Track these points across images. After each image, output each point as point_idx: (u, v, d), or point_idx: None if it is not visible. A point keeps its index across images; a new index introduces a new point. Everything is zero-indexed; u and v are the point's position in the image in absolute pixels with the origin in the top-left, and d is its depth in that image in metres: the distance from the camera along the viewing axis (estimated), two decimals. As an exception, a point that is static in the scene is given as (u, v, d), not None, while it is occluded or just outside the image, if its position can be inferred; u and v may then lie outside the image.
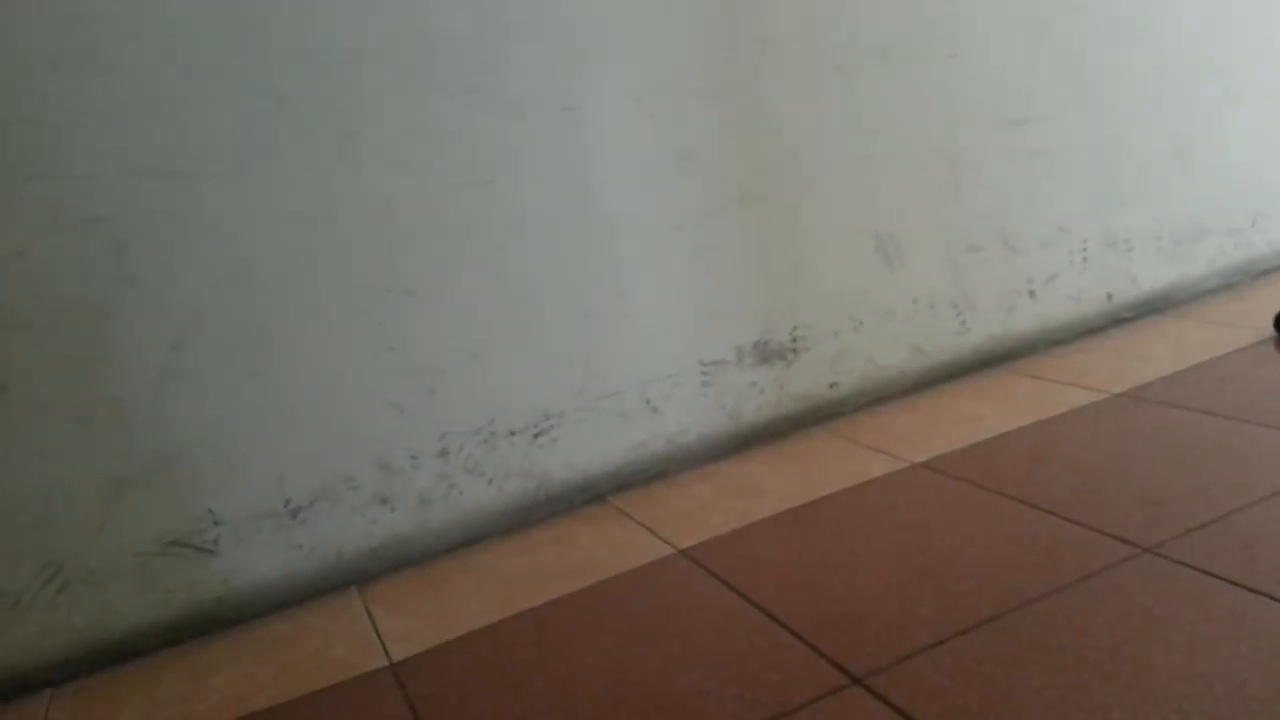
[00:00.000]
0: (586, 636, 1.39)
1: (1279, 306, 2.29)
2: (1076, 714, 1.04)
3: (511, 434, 1.82)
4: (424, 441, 1.75)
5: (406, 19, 1.64)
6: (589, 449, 1.89)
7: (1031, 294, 2.32)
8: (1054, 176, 2.30)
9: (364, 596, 1.66)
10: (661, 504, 1.83)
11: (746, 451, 2.02)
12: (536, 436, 1.84)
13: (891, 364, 2.19)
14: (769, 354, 2.04)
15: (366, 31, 1.62)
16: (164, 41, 1.50)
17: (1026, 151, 2.26)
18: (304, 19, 1.58)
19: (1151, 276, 2.48)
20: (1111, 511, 1.47)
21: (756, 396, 2.04)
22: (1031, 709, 1.06)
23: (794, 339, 2.06)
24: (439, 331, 1.73)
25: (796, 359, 2.07)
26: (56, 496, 1.52)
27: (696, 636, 1.34)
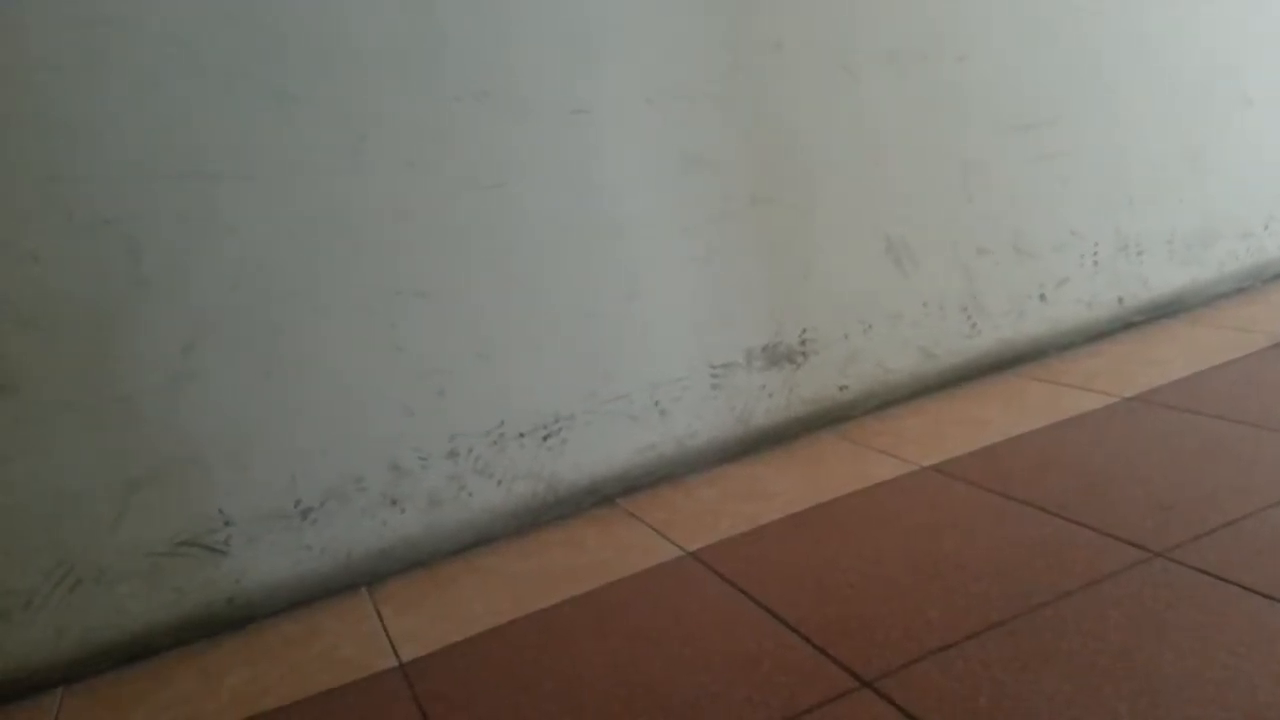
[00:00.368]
0: (594, 638, 1.40)
1: (1291, 311, 2.28)
2: (1087, 719, 1.03)
3: (521, 436, 1.82)
4: (433, 443, 1.75)
5: (417, 22, 1.65)
6: (598, 451, 1.89)
7: (1042, 297, 2.31)
8: (1065, 180, 2.30)
9: (373, 597, 1.67)
10: (670, 506, 1.83)
11: (755, 454, 2.02)
12: (546, 439, 1.84)
13: (901, 367, 2.18)
14: (778, 357, 2.04)
15: (377, 34, 1.63)
16: (176, 44, 1.51)
17: (1037, 155, 2.26)
18: (316, 21, 1.58)
19: (1163, 280, 2.47)
20: (1122, 516, 1.47)
21: (766, 399, 2.04)
22: (1041, 714, 1.05)
23: (803, 342, 2.06)
24: (449, 333, 1.74)
25: (806, 362, 2.07)
26: (68, 496, 1.53)
27: (704, 639, 1.34)
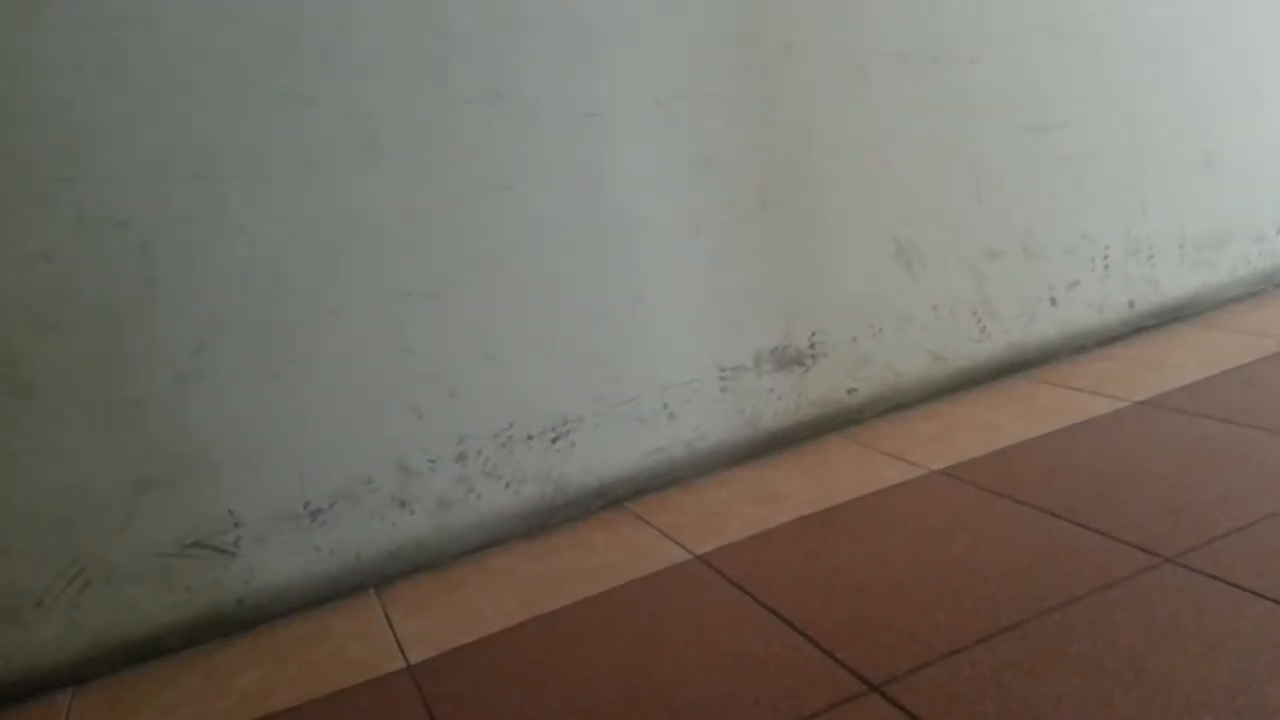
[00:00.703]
0: (603, 640, 1.40)
1: (1304, 315, 2.27)
2: (1096, 724, 1.03)
3: (529, 438, 1.82)
4: (442, 444, 1.76)
5: (428, 25, 1.66)
6: (607, 454, 1.89)
7: (1053, 301, 2.31)
8: (1076, 182, 2.29)
9: (382, 598, 1.67)
10: (678, 509, 1.83)
11: (764, 457, 2.02)
12: (554, 441, 1.84)
13: (911, 371, 2.18)
14: (787, 360, 2.04)
15: (388, 37, 1.63)
16: (189, 46, 1.52)
17: (1049, 157, 2.25)
18: (327, 24, 1.59)
19: (1174, 284, 2.46)
20: (1132, 520, 1.46)
21: (775, 402, 2.04)
22: (1050, 718, 1.05)
23: (813, 345, 2.06)
24: (458, 335, 1.74)
25: (815, 365, 2.07)
26: (79, 497, 1.54)
27: (712, 641, 1.34)
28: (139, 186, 1.51)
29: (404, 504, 1.74)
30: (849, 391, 2.12)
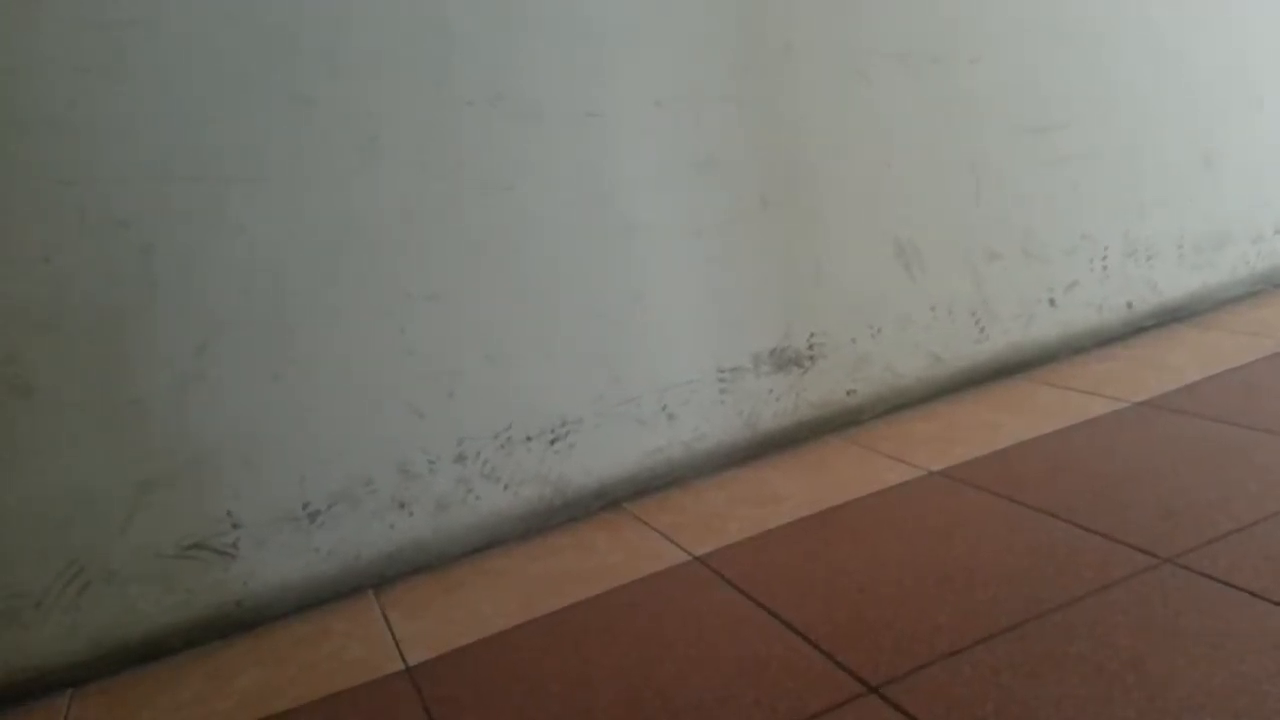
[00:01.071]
0: (602, 642, 1.40)
1: (1303, 316, 2.27)
2: (1095, 725, 1.03)
3: (529, 439, 1.82)
4: (442, 446, 1.76)
5: (428, 25, 1.66)
6: (606, 455, 1.89)
7: (1052, 302, 2.31)
8: (1076, 183, 2.29)
9: (381, 600, 1.67)
10: (678, 510, 1.83)
11: (763, 458, 2.02)
12: (554, 442, 1.84)
13: (910, 372, 2.18)
14: (786, 361, 2.04)
15: (389, 38, 1.63)
16: (190, 47, 1.52)
17: (1048, 158, 2.25)
18: (328, 25, 1.59)
19: (1173, 285, 2.46)
20: (1132, 521, 1.46)
21: (774, 403, 2.04)
22: (1050, 720, 1.05)
23: (811, 346, 2.06)
24: (458, 336, 1.74)
25: (814, 366, 2.07)
26: (80, 498, 1.53)
27: (712, 643, 1.34)
28: (140, 187, 1.51)
29: (403, 505, 1.74)
30: (848, 392, 2.12)
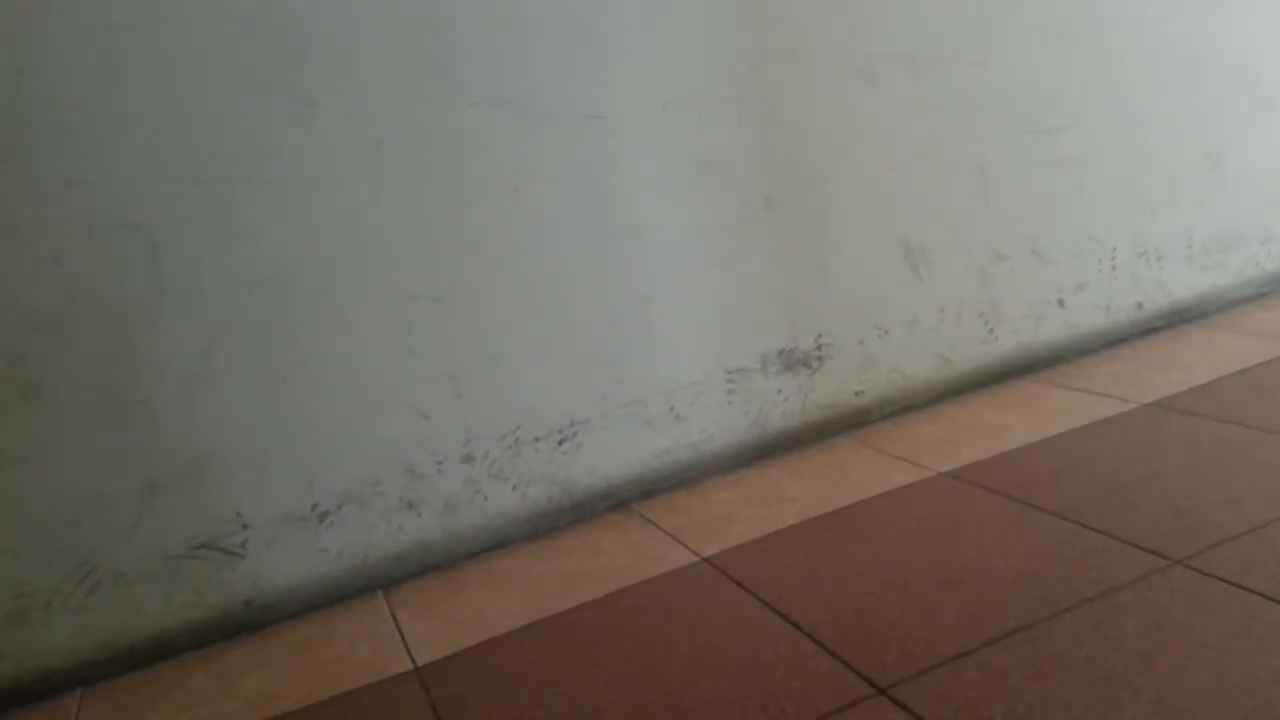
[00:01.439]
0: (610, 643, 1.40)
1: (1313, 316, 2.26)
2: (1104, 727, 1.03)
3: (536, 440, 1.82)
4: (449, 447, 1.76)
5: (433, 29, 1.66)
6: (613, 456, 1.89)
7: (1060, 303, 2.30)
8: (1084, 184, 2.29)
9: (389, 600, 1.67)
10: (685, 511, 1.83)
11: (771, 459, 2.02)
12: (561, 443, 1.84)
13: (918, 373, 2.17)
14: (794, 362, 2.04)
15: (394, 41, 1.64)
16: (196, 50, 1.52)
17: (1056, 159, 2.25)
18: (333, 28, 1.59)
19: (1182, 285, 2.45)
20: (1141, 523, 1.46)
21: (781, 404, 2.04)
22: (1058, 722, 1.05)
23: (819, 347, 2.06)
24: (465, 338, 1.74)
25: (821, 367, 2.07)
26: (88, 498, 1.54)
27: (720, 644, 1.34)
28: (147, 189, 1.52)
29: (411, 506, 1.74)
30: (856, 393, 2.12)
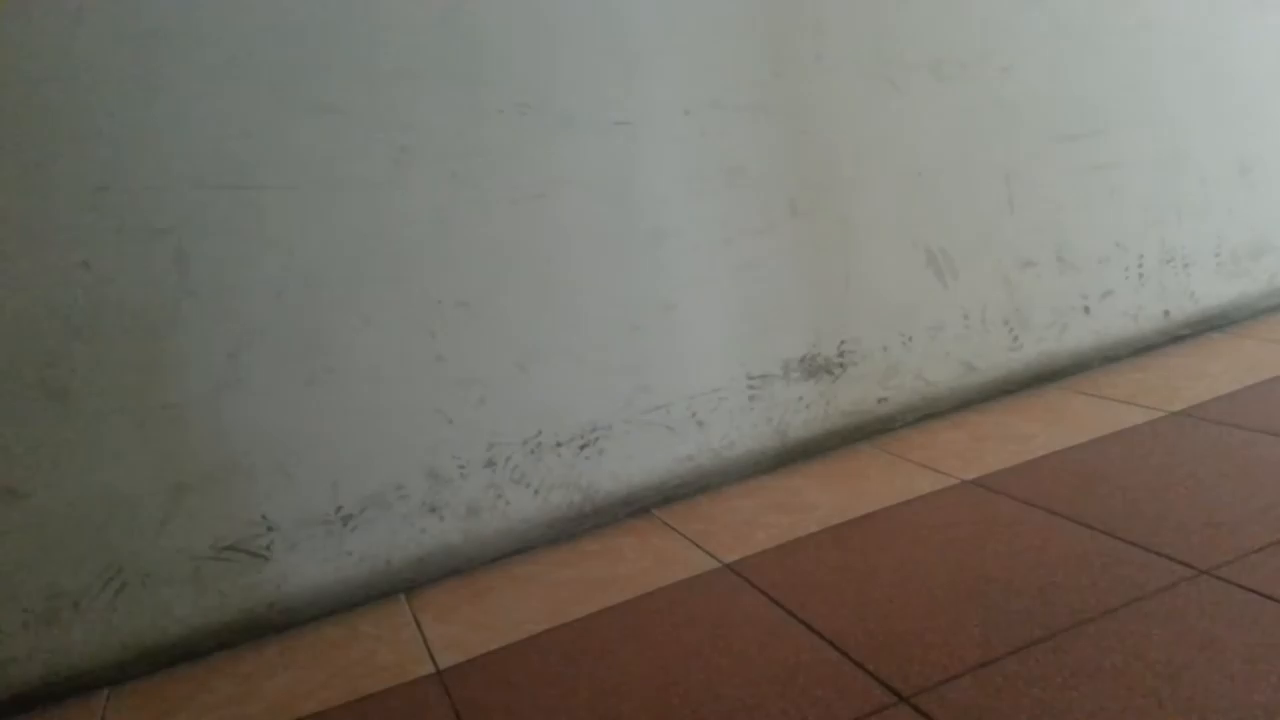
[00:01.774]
0: (631, 648, 1.40)
1: (1345, 325, 2.23)
2: (1130, 738, 1.02)
3: (558, 445, 1.83)
4: (472, 451, 1.77)
5: (459, 36, 1.67)
6: (635, 461, 1.89)
7: (1086, 310, 2.28)
8: (1111, 191, 2.27)
9: (412, 604, 1.68)
10: (706, 518, 1.82)
11: (792, 466, 2.01)
12: (583, 448, 1.85)
13: (941, 380, 2.16)
14: (816, 368, 2.03)
15: (420, 48, 1.65)
16: (225, 58, 1.54)
17: (1082, 165, 2.23)
18: (360, 35, 1.61)
19: (1210, 293, 2.42)
20: (1167, 532, 1.44)
21: (803, 411, 2.03)
22: (1083, 732, 1.04)
23: (841, 353, 2.05)
24: (489, 343, 1.75)
25: (844, 374, 2.06)
26: (116, 500, 1.56)
27: (741, 651, 1.33)
28: (177, 195, 1.54)
29: (434, 510, 1.75)
30: (879, 400, 2.11)
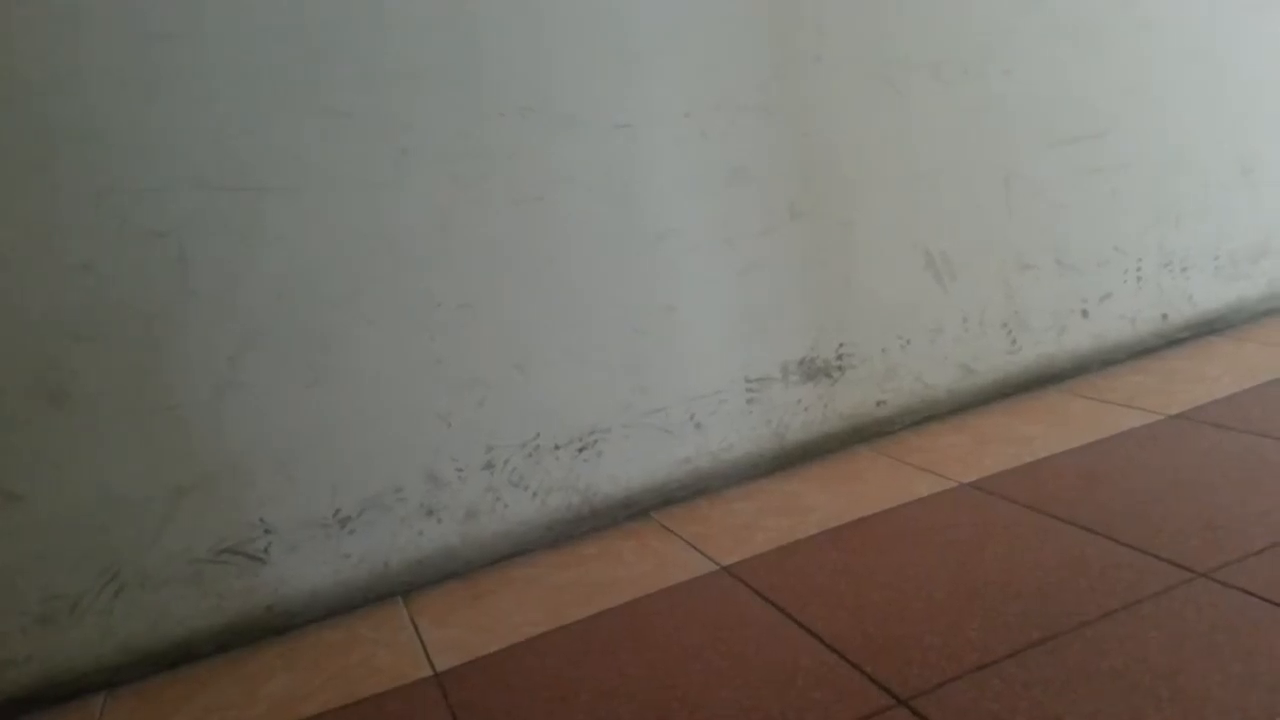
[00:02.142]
0: (630, 651, 1.40)
1: (1343, 328, 2.23)
2: (1128, 741, 1.02)
3: (557, 448, 1.83)
4: (471, 454, 1.77)
5: (461, 38, 1.67)
6: (633, 464, 1.89)
7: (1084, 313, 2.28)
8: (1110, 194, 2.27)
9: (410, 607, 1.68)
10: (705, 520, 1.82)
11: (791, 469, 2.01)
12: (581, 450, 1.85)
13: (940, 383, 2.16)
14: (815, 371, 2.03)
15: (421, 50, 1.65)
16: (226, 60, 1.54)
17: (1082, 168, 2.23)
18: (361, 38, 1.61)
19: (1209, 297, 2.42)
20: (1166, 535, 1.44)
21: (802, 414, 2.03)
22: (1081, 735, 1.04)
23: (840, 356, 2.05)
24: (489, 345, 1.75)
25: (843, 376, 2.06)
26: (115, 502, 1.56)
27: (740, 653, 1.33)
28: (177, 197, 1.54)
29: (432, 513, 1.75)
30: (878, 403, 2.11)
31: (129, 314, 1.54)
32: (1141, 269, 2.33)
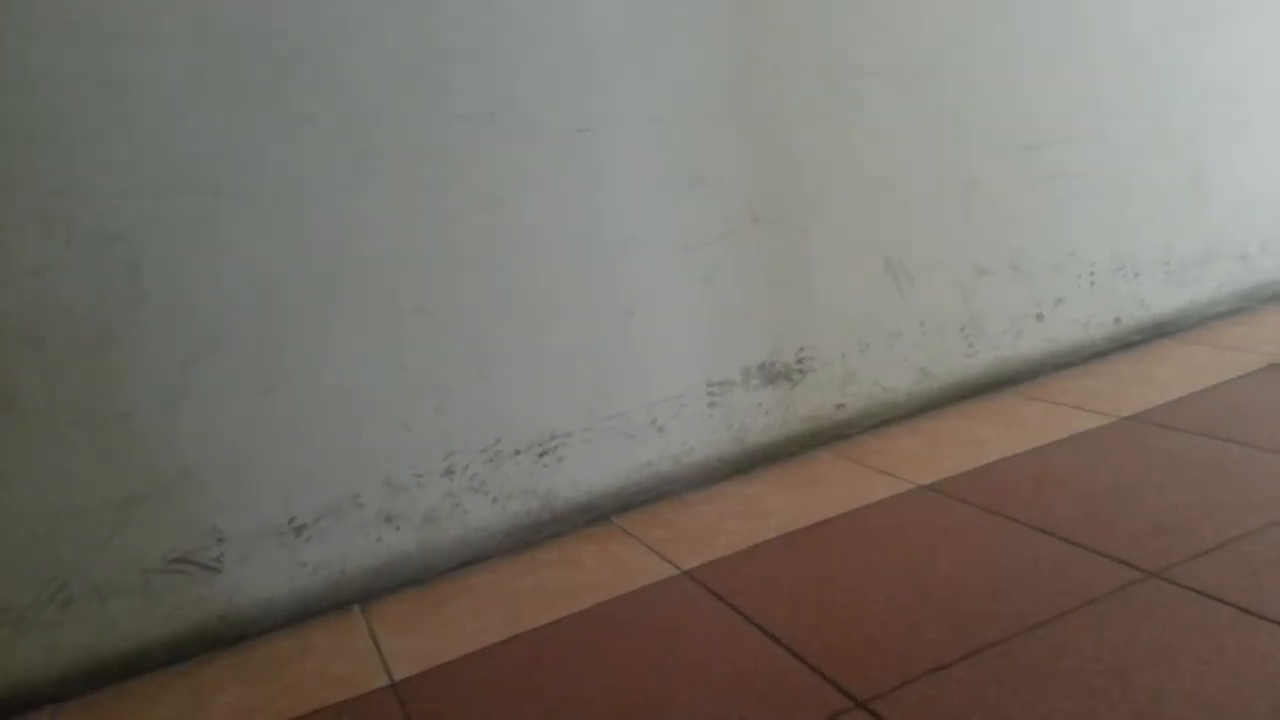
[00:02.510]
0: (590, 657, 1.39)
1: (1288, 332, 2.28)
2: (1082, 740, 1.03)
3: (517, 453, 1.82)
4: (430, 460, 1.75)
5: (423, 41, 1.66)
6: (594, 469, 1.89)
7: (1039, 317, 2.32)
8: (1065, 200, 2.31)
9: (367, 615, 1.66)
10: (666, 524, 1.82)
11: (752, 472, 2.02)
12: (542, 455, 1.84)
13: (898, 386, 2.18)
14: (775, 375, 2.04)
15: (383, 53, 1.64)
16: (185, 61, 1.52)
17: (1038, 175, 2.27)
18: (322, 40, 1.59)
19: (1160, 301, 2.47)
20: (1118, 535, 1.47)
21: (762, 417, 2.04)
22: (1036, 735, 1.05)
23: (800, 360, 2.06)
24: (448, 350, 1.74)
25: (803, 380, 2.07)
26: (64, 512, 1.52)
27: (700, 658, 1.33)
28: (131, 201, 1.51)
29: (390, 520, 1.73)
30: (837, 406, 2.12)
31: (79, 319, 1.50)
32: (1095, 274, 2.37)
